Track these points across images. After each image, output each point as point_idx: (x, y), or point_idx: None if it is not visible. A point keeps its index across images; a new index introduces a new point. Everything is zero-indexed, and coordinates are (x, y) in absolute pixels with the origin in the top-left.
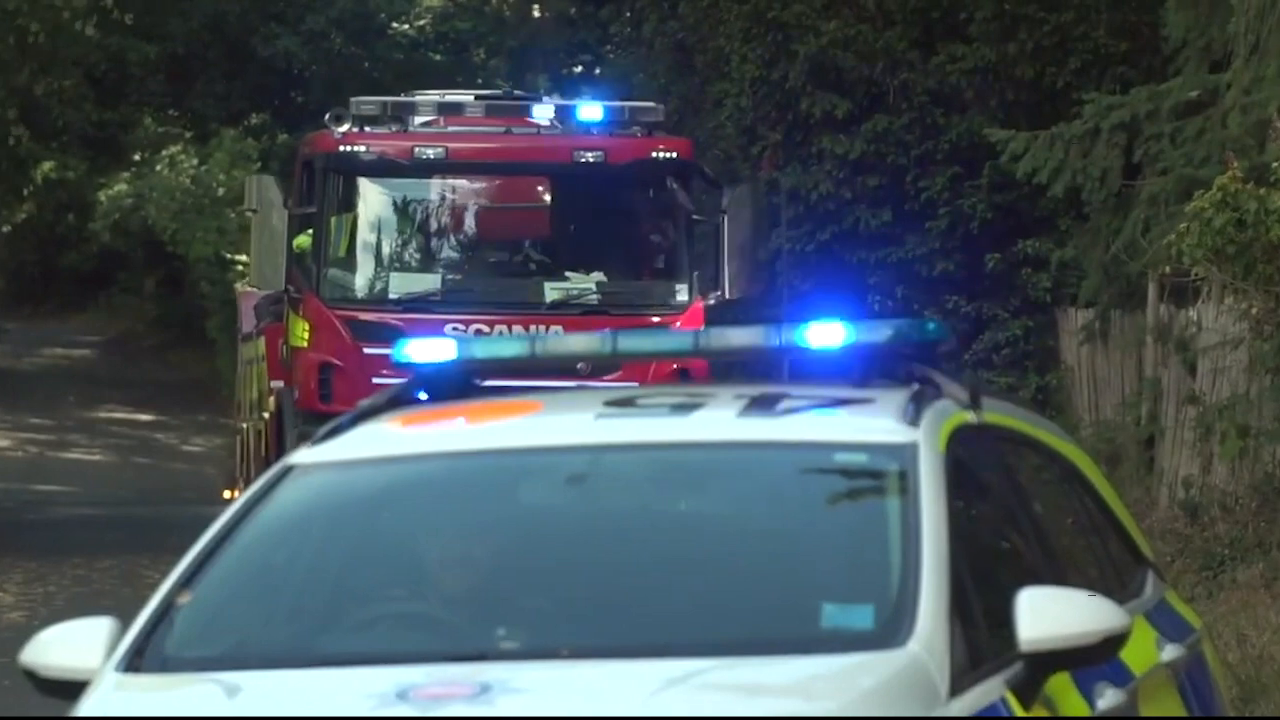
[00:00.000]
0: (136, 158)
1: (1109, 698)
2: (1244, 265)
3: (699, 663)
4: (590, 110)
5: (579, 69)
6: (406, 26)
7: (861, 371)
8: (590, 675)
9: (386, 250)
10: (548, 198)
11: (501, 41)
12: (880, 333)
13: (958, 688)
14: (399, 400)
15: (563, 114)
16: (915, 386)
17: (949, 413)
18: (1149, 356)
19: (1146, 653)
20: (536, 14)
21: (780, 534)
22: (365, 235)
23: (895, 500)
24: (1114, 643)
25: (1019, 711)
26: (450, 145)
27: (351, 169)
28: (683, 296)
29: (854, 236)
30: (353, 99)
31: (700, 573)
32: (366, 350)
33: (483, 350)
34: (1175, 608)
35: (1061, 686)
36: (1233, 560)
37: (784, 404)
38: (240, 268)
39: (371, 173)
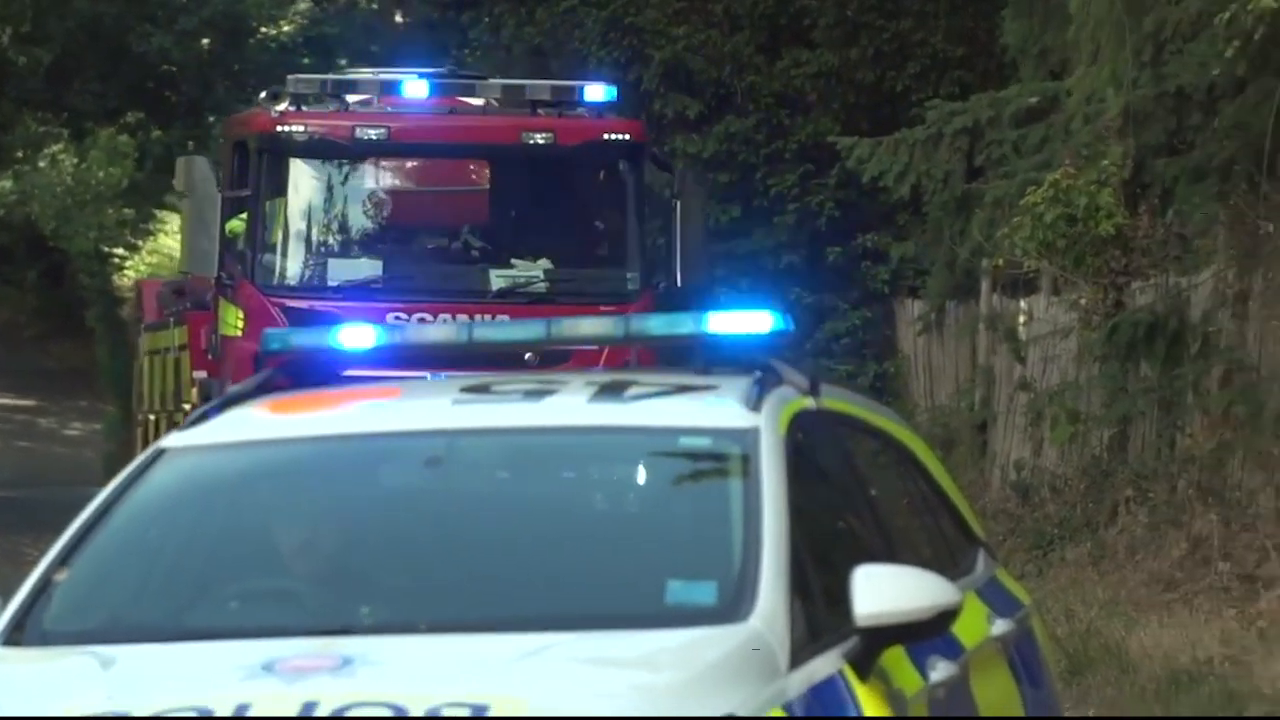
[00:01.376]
0: (20, 155)
1: (941, 670)
2: (1074, 258)
3: (550, 636)
4: (538, 89)
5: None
6: (275, 30)
7: (705, 360)
8: (447, 648)
9: (325, 235)
10: (494, 181)
11: (366, 47)
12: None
13: (797, 660)
14: (267, 387)
15: (508, 94)
16: (757, 374)
17: (789, 399)
18: (982, 345)
19: (977, 627)
20: (399, 19)
21: (627, 514)
22: (302, 219)
23: (737, 482)
24: (946, 617)
25: (856, 684)
26: (392, 125)
27: (289, 150)
28: (633, 285)
29: (705, 231)
30: (290, 76)
31: (552, 551)
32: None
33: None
34: (1005, 585)
35: (896, 659)
36: (1062, 539)
37: (632, 390)
38: (117, 260)
39: (310, 154)
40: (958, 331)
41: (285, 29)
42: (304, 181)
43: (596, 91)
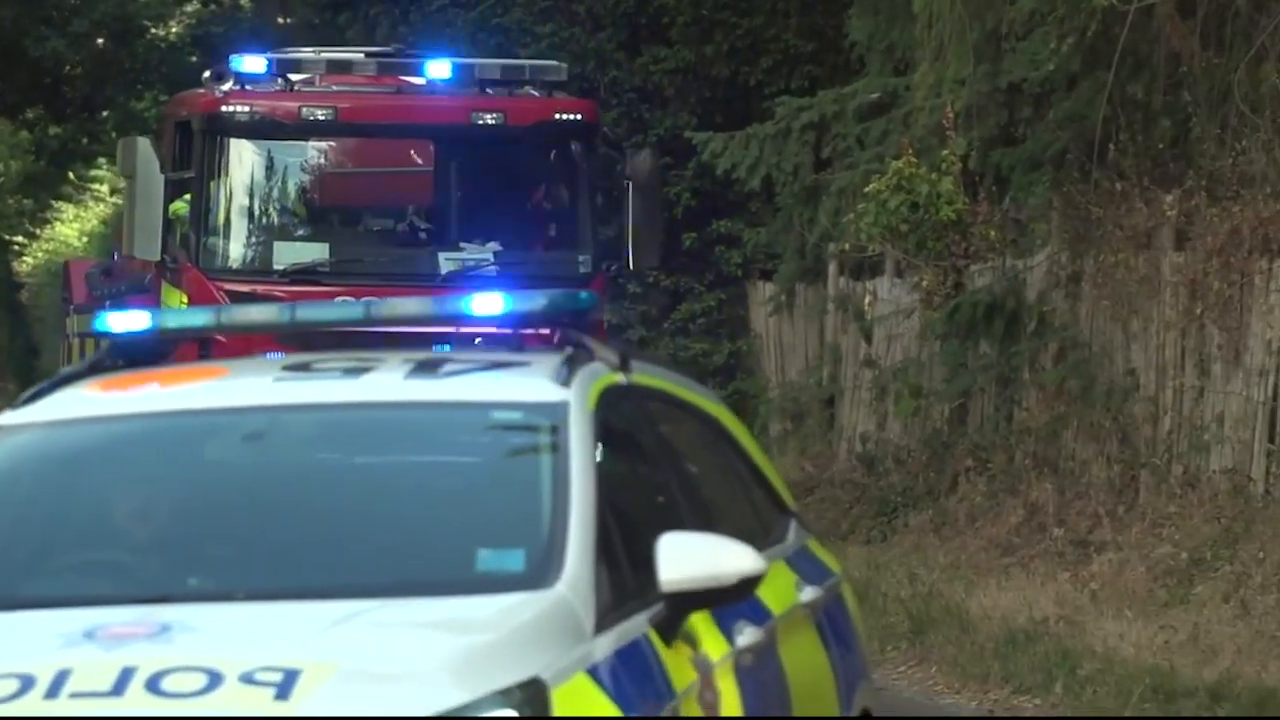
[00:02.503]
0: None
1: (748, 635)
2: (916, 242)
3: (364, 603)
4: (488, 68)
5: None
6: (164, 31)
7: (518, 337)
8: (263, 615)
9: (270, 217)
10: (443, 162)
11: (249, 46)
12: (536, 302)
13: (603, 625)
14: (98, 367)
15: (458, 72)
16: (568, 350)
17: (599, 374)
18: (830, 325)
19: (786, 594)
20: (281, 21)
21: (440, 486)
22: (248, 201)
23: (546, 454)
24: (749, 583)
25: (660, 647)
26: (340, 105)
27: (233, 130)
28: (585, 267)
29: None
30: (234, 55)
31: (366, 522)
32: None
33: (174, 321)
34: (816, 553)
35: (703, 624)
36: (905, 507)
37: (447, 367)
38: (17, 248)
39: (255, 134)
40: (807, 312)
41: (174, 29)
42: (249, 162)
43: (547, 71)
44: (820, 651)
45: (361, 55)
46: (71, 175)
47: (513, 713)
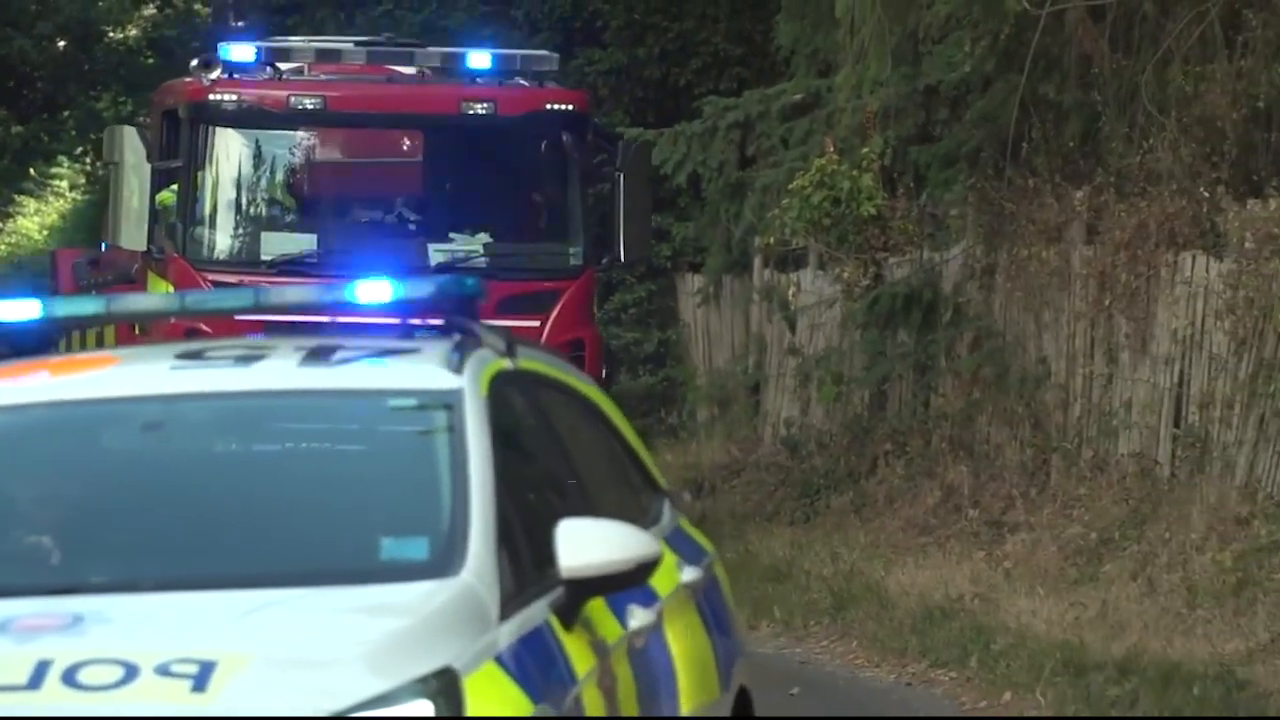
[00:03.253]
0: None
1: (639, 618)
2: (837, 236)
3: (273, 593)
4: (479, 58)
5: None
6: (122, 34)
7: (406, 325)
8: (174, 605)
9: (259, 208)
10: (433, 152)
11: (202, 48)
12: (423, 289)
13: (506, 612)
14: None
15: (448, 62)
16: (457, 337)
17: (488, 360)
18: (755, 315)
19: (669, 575)
20: (233, 23)
21: (341, 474)
22: (235, 191)
23: (443, 441)
24: (647, 568)
25: (561, 633)
26: (329, 94)
27: (222, 119)
28: (576, 260)
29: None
30: (222, 44)
31: (270, 511)
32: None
33: (63, 309)
34: (689, 533)
35: (598, 609)
36: (827, 489)
37: (339, 354)
38: None
39: (244, 123)
40: (733, 303)
41: (131, 33)
42: (236, 152)
43: (539, 61)
44: (702, 631)
45: (351, 44)
46: (33, 172)
47: (428, 703)
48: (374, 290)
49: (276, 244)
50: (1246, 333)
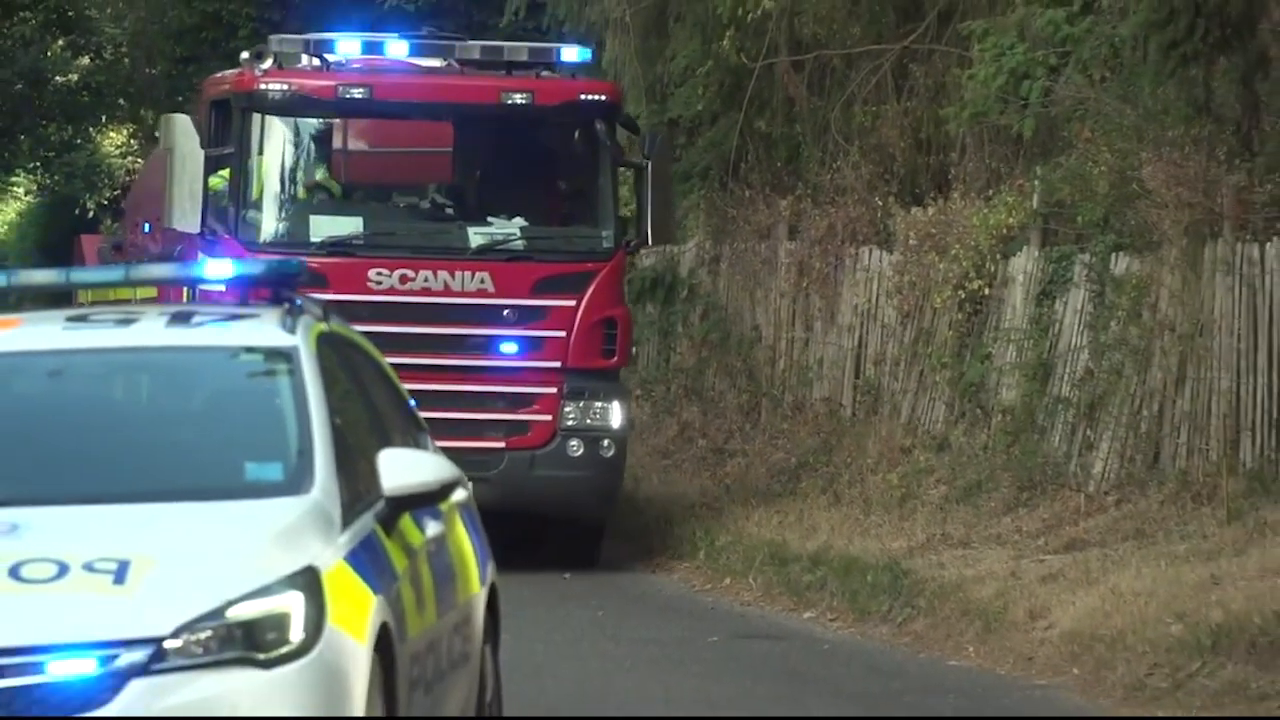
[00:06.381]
0: None
1: (433, 528)
2: None
3: (164, 506)
4: (516, 51)
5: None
6: (65, 79)
7: (243, 295)
8: (89, 515)
9: (307, 192)
10: (473, 140)
11: (126, 90)
12: (257, 268)
13: (346, 522)
14: None
15: (487, 54)
16: (287, 305)
17: (312, 324)
18: None
19: None
20: (148, 71)
21: (210, 413)
22: (285, 177)
23: (286, 385)
24: (448, 488)
25: (385, 540)
26: (374, 84)
27: (273, 108)
28: (608, 243)
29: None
30: (272, 36)
31: (157, 442)
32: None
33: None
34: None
35: (406, 521)
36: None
37: (197, 318)
38: None
39: (293, 112)
40: None
41: (72, 77)
42: (287, 139)
43: (571, 53)
44: (467, 541)
45: (395, 37)
46: None
47: (299, 595)
48: (219, 268)
49: (325, 227)
50: (910, 308)
